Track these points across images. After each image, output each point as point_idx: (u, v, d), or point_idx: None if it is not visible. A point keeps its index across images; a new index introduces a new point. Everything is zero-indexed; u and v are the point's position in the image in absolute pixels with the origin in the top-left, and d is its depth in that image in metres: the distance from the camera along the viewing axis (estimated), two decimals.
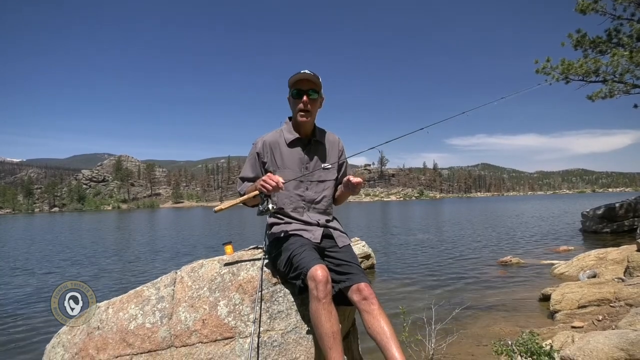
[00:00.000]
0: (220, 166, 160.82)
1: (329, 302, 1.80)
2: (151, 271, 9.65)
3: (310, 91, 2.13)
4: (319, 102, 2.21)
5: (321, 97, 2.22)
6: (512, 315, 5.19)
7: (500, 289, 6.71)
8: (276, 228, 2.19)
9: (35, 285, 8.56)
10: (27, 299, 7.32)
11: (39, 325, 5.69)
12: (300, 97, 2.13)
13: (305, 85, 2.12)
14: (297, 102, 2.14)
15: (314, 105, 2.16)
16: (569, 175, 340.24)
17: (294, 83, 2.13)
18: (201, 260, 2.41)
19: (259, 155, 2.21)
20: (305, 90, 2.12)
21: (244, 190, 2.21)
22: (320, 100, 2.22)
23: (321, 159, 2.26)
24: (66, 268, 10.77)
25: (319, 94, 2.18)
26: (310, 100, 2.13)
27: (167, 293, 2.21)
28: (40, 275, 9.83)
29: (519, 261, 9.00)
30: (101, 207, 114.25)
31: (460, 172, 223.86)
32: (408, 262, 9.92)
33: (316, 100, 2.17)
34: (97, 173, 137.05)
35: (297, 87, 2.13)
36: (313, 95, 2.14)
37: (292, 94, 2.17)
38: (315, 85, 2.14)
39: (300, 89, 2.12)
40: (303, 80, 2.12)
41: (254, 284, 2.15)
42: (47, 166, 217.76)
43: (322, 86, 2.17)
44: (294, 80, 2.12)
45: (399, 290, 6.94)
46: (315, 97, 2.15)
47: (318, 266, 1.83)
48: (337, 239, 2.17)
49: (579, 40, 12.10)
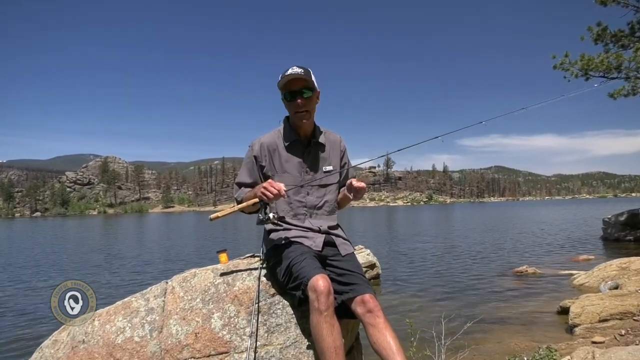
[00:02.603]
0: (214, 168, 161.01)
1: (331, 315, 1.80)
2: (140, 281, 9.65)
3: (303, 90, 2.10)
4: (315, 98, 2.18)
5: (316, 92, 2.19)
6: (528, 329, 5.18)
7: (516, 301, 6.70)
8: (274, 235, 2.19)
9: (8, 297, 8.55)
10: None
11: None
12: (293, 99, 2.11)
13: (297, 85, 2.09)
14: (292, 105, 2.12)
15: (310, 104, 2.14)
16: (589, 178, 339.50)
17: (285, 85, 2.11)
18: (194, 269, 2.41)
19: (257, 158, 2.20)
20: (297, 90, 2.10)
21: (241, 197, 2.20)
22: (316, 95, 2.19)
23: (322, 161, 2.26)
24: (48, 277, 10.77)
25: (314, 90, 2.15)
26: (305, 100, 2.11)
27: (157, 304, 2.22)
28: (17, 286, 9.82)
29: (535, 271, 8.98)
30: (86, 212, 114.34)
31: (472, 175, 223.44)
32: (416, 272, 9.90)
33: (311, 98, 2.15)
34: (81, 175, 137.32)
35: (288, 89, 2.11)
36: (307, 93, 2.11)
37: (284, 97, 2.15)
38: (307, 82, 2.10)
39: (292, 90, 2.10)
40: (293, 80, 2.09)
41: (250, 295, 2.15)
42: (29, 168, 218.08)
43: (314, 80, 2.13)
44: (283, 82, 2.10)
45: (406, 302, 6.93)
46: (309, 95, 2.12)
47: (319, 276, 1.84)
48: (340, 246, 2.17)
49: (600, 33, 12.12)
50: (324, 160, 2.26)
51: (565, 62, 12.13)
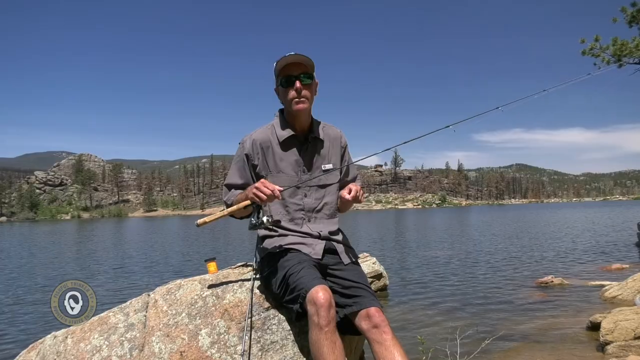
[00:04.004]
0: (202, 167, 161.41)
1: (332, 331, 1.80)
2: (118, 293, 9.65)
3: (302, 76, 2.12)
4: (314, 88, 2.21)
5: (315, 82, 2.22)
6: (553, 347, 5.18)
7: (540, 315, 6.70)
8: (269, 241, 2.20)
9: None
10: None
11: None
12: (291, 84, 2.12)
13: (296, 70, 2.12)
14: (289, 91, 2.13)
15: (309, 90, 2.16)
16: (622, 178, 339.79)
17: (282, 69, 2.13)
18: (179, 280, 2.42)
19: (248, 157, 2.21)
20: (296, 75, 2.12)
21: (231, 200, 2.21)
22: (315, 85, 2.22)
23: (321, 159, 2.27)
24: (11, 292, 10.77)
25: (313, 78, 2.18)
26: (304, 86, 2.13)
27: (137, 320, 2.22)
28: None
29: (561, 282, 8.98)
30: (58, 216, 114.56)
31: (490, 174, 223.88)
32: (428, 282, 9.89)
33: (311, 85, 2.17)
34: (53, 175, 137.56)
35: (285, 73, 2.13)
36: (306, 80, 2.13)
37: (280, 82, 2.16)
38: (307, 68, 2.13)
39: (290, 75, 2.12)
40: (292, 65, 2.11)
41: (242, 309, 2.15)
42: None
43: (314, 68, 2.17)
44: (280, 66, 2.12)
45: (417, 317, 6.93)
46: (309, 82, 2.15)
47: (319, 287, 1.84)
48: (342, 254, 2.18)
49: (635, 15, 12.08)
50: (322, 158, 2.27)
51: (596, 47, 12.10)
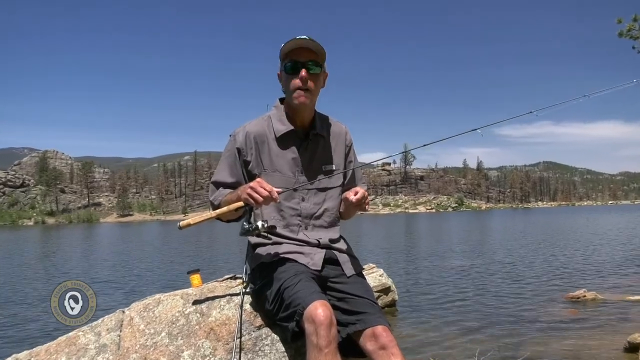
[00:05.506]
0: (184, 165, 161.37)
1: (333, 353, 1.80)
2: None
3: (309, 63, 2.12)
4: (321, 79, 2.21)
5: (324, 73, 2.22)
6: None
7: (571, 334, 6.71)
8: (262, 250, 2.19)
9: None
10: None
11: None
12: (296, 71, 2.12)
13: (304, 56, 2.12)
14: (293, 79, 2.13)
15: (315, 82, 2.16)
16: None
17: (288, 53, 2.13)
18: (158, 295, 2.42)
19: (240, 151, 2.21)
20: (303, 62, 2.12)
21: (219, 200, 2.21)
22: (324, 76, 2.23)
23: (322, 158, 2.27)
24: None
25: (322, 68, 2.19)
26: (310, 75, 2.12)
27: (110, 340, 2.22)
28: None
29: (595, 297, 8.99)
30: (19, 222, 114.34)
31: (514, 173, 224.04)
32: (441, 297, 9.91)
33: (318, 76, 2.17)
34: (13, 175, 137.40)
35: (292, 58, 2.13)
36: (314, 69, 2.13)
37: (285, 67, 2.16)
38: (317, 55, 2.13)
39: (297, 61, 2.12)
40: (300, 49, 2.11)
41: (230, 328, 2.15)
42: None
43: (325, 57, 2.17)
44: (287, 49, 2.12)
45: (430, 336, 6.94)
46: (317, 71, 2.15)
47: (318, 303, 1.83)
48: (345, 265, 2.18)
49: None
50: (324, 158, 2.28)
51: (635, 28, 12.15)
